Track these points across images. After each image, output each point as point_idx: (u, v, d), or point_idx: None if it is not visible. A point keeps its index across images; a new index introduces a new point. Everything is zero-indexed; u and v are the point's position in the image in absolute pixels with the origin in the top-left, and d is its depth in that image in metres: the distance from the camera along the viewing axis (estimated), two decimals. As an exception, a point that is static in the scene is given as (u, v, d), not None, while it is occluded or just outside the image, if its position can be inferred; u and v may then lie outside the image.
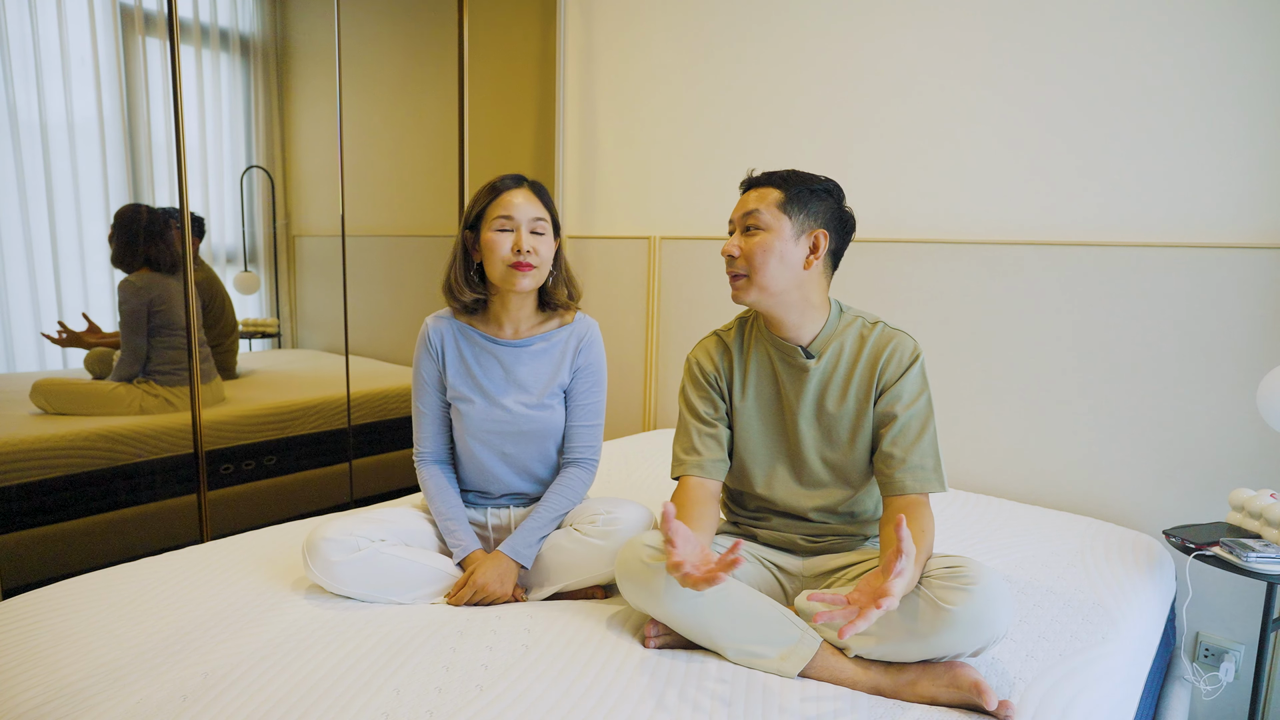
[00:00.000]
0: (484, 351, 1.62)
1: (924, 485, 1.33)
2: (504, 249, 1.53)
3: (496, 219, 1.54)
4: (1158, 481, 2.00)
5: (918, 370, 1.39)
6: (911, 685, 1.18)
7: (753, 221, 1.38)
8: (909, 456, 1.34)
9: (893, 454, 1.35)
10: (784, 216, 1.38)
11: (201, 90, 2.52)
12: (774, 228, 1.37)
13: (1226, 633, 1.95)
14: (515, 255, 1.52)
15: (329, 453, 2.82)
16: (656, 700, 1.14)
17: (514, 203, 1.54)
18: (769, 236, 1.37)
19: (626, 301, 2.98)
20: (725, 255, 1.40)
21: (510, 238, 1.53)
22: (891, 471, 1.35)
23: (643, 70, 2.91)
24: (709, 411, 1.48)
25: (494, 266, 1.55)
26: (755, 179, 1.44)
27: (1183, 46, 1.92)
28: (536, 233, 1.55)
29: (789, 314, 1.41)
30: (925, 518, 1.29)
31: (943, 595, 1.15)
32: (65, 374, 2.29)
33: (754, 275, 1.37)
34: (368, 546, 1.45)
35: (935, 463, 1.35)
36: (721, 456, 1.47)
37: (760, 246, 1.36)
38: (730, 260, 1.39)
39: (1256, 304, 1.84)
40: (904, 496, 1.33)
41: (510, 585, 1.49)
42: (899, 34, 2.33)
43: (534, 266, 1.54)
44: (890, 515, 1.33)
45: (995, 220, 2.21)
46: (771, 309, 1.41)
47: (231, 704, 1.10)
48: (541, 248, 1.55)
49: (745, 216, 1.39)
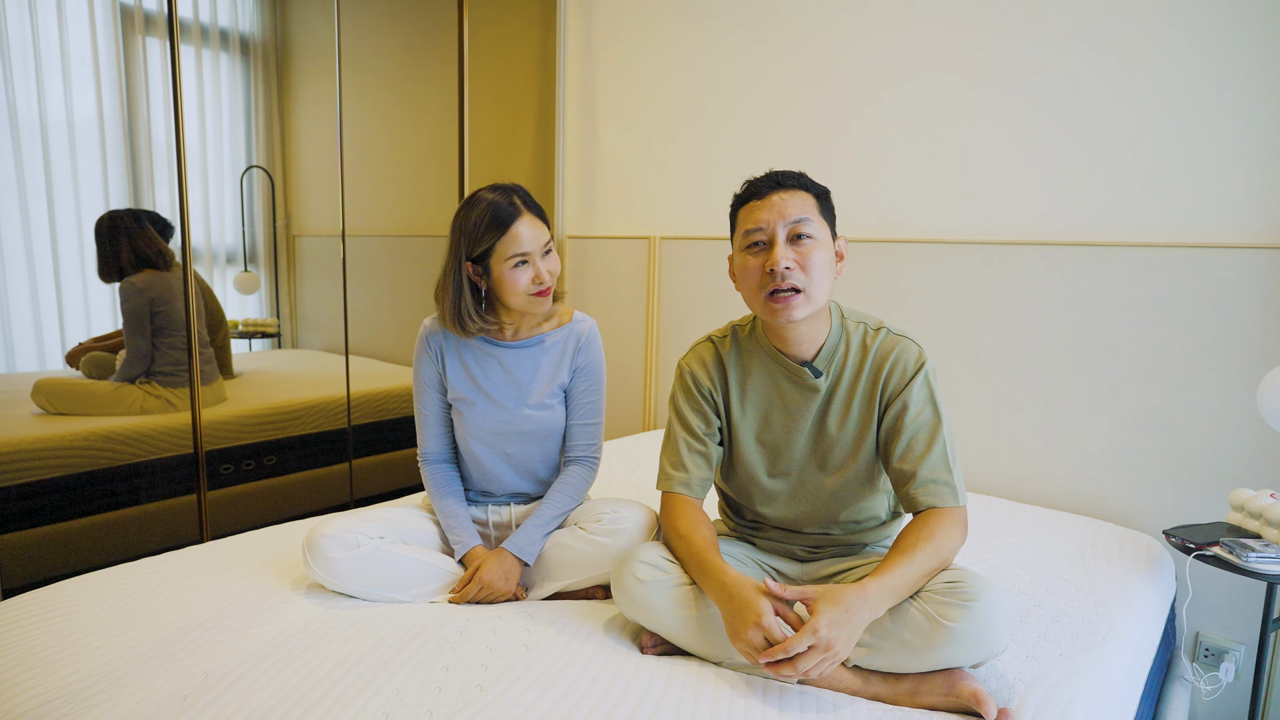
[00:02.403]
0: (484, 354, 1.61)
1: (935, 500, 1.25)
2: (523, 283, 1.51)
3: (511, 258, 1.49)
4: (1158, 481, 2.00)
5: (923, 379, 1.31)
6: (910, 694, 1.17)
7: (805, 230, 1.27)
8: (919, 470, 1.27)
9: (903, 469, 1.28)
10: (825, 224, 1.31)
11: (201, 90, 2.52)
12: (821, 237, 1.28)
13: (1226, 633, 1.95)
14: (535, 286, 1.51)
15: (329, 453, 2.82)
16: (656, 701, 1.14)
17: (524, 236, 1.50)
18: (822, 247, 1.28)
19: (626, 301, 2.98)
20: (776, 270, 1.24)
21: (528, 271, 1.51)
22: (904, 489, 1.28)
23: (643, 70, 2.91)
24: (700, 426, 1.42)
25: (515, 297, 1.52)
26: (780, 180, 1.32)
27: (1184, 46, 1.92)
28: (549, 252, 1.54)
29: (810, 328, 1.33)
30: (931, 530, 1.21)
31: (942, 611, 1.14)
32: (66, 374, 2.29)
33: (810, 290, 1.26)
34: (367, 544, 1.45)
35: (948, 475, 1.26)
36: (708, 475, 1.42)
37: (818, 258, 1.26)
38: (785, 273, 1.25)
39: (1257, 304, 1.84)
40: (920, 515, 1.26)
41: (514, 582, 1.49)
42: (898, 32, 2.33)
43: (551, 287, 1.55)
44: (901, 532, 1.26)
45: (995, 220, 2.21)
46: (800, 325, 1.31)
47: (231, 704, 1.10)
48: (555, 267, 1.55)
49: (796, 224, 1.27)
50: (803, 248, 1.27)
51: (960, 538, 1.24)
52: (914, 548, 1.19)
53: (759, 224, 1.29)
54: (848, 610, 1.11)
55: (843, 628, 1.10)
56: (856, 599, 1.12)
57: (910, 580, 1.17)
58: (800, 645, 1.08)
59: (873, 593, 1.13)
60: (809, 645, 1.08)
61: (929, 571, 1.20)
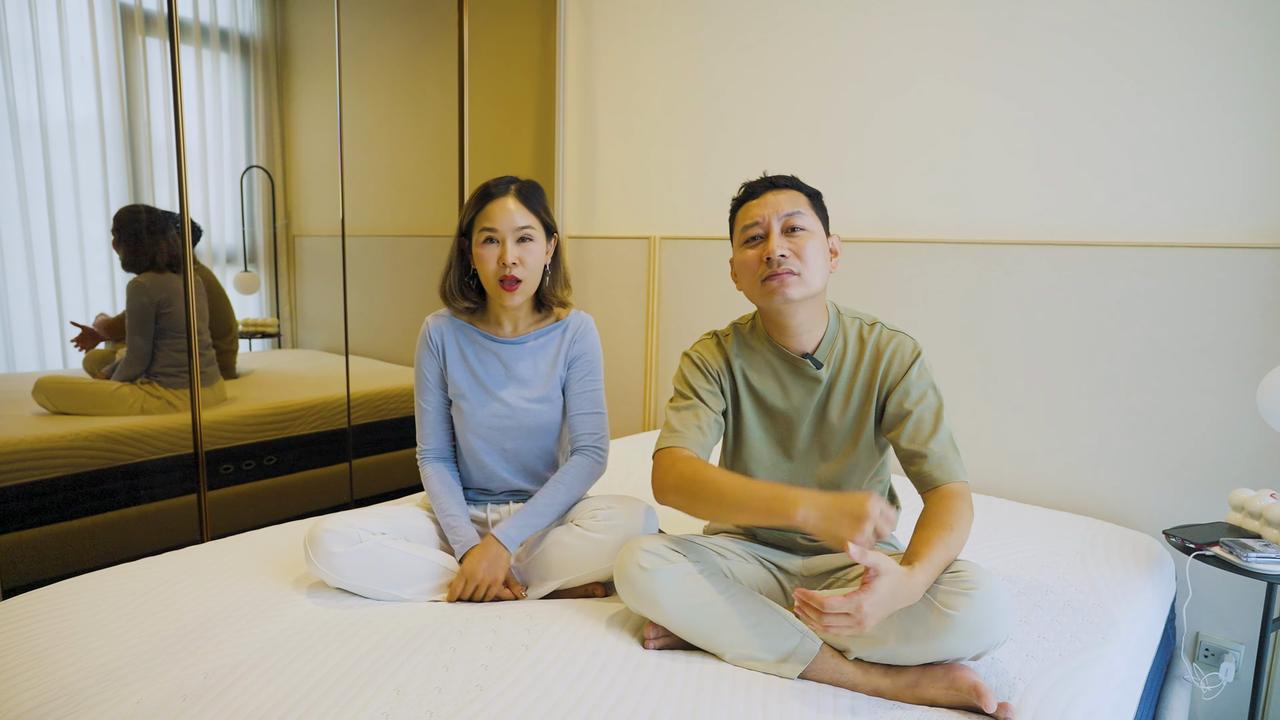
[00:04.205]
0: (484, 349, 1.63)
1: (948, 474, 1.29)
2: (491, 263, 1.54)
3: (482, 230, 1.54)
4: (1158, 481, 2.00)
5: (920, 366, 1.37)
6: (911, 688, 1.18)
7: (798, 223, 1.36)
8: (929, 448, 1.31)
9: (914, 451, 1.33)
10: (817, 219, 1.39)
11: (201, 90, 2.52)
12: (814, 230, 1.37)
13: (1226, 633, 1.95)
14: (501, 268, 1.52)
15: (329, 453, 2.82)
16: (656, 700, 1.14)
17: (497, 214, 1.53)
18: (815, 238, 1.36)
19: (626, 301, 2.98)
20: (772, 257, 1.33)
21: (496, 250, 1.53)
22: (918, 469, 1.32)
23: (643, 70, 2.91)
24: (711, 398, 1.44)
25: (486, 279, 1.57)
26: (774, 181, 1.41)
27: (1184, 46, 1.92)
28: (525, 239, 1.54)
29: (808, 317, 1.39)
30: (956, 510, 1.24)
31: (944, 600, 1.15)
32: (67, 374, 2.29)
33: (805, 274, 1.34)
34: (369, 539, 1.46)
35: (955, 452, 1.32)
36: (713, 442, 1.43)
37: (811, 246, 1.35)
38: (780, 259, 1.33)
39: (1256, 304, 1.84)
40: (936, 490, 1.29)
41: (500, 571, 1.49)
42: (899, 33, 2.33)
43: (520, 280, 1.54)
44: (923, 513, 1.28)
45: (995, 220, 2.21)
46: (797, 311, 1.37)
47: (231, 704, 1.10)
48: (529, 257, 1.54)
49: (788, 216, 1.36)
50: (797, 238, 1.35)
51: (971, 517, 1.27)
52: (944, 530, 1.21)
53: (755, 219, 1.38)
54: (893, 597, 1.11)
55: (880, 610, 1.10)
56: (903, 588, 1.12)
57: (940, 568, 1.18)
58: (839, 607, 1.09)
59: (919, 581, 1.14)
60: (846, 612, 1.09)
61: (952, 556, 1.21)
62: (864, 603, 1.08)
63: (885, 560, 1.11)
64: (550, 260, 1.62)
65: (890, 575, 1.11)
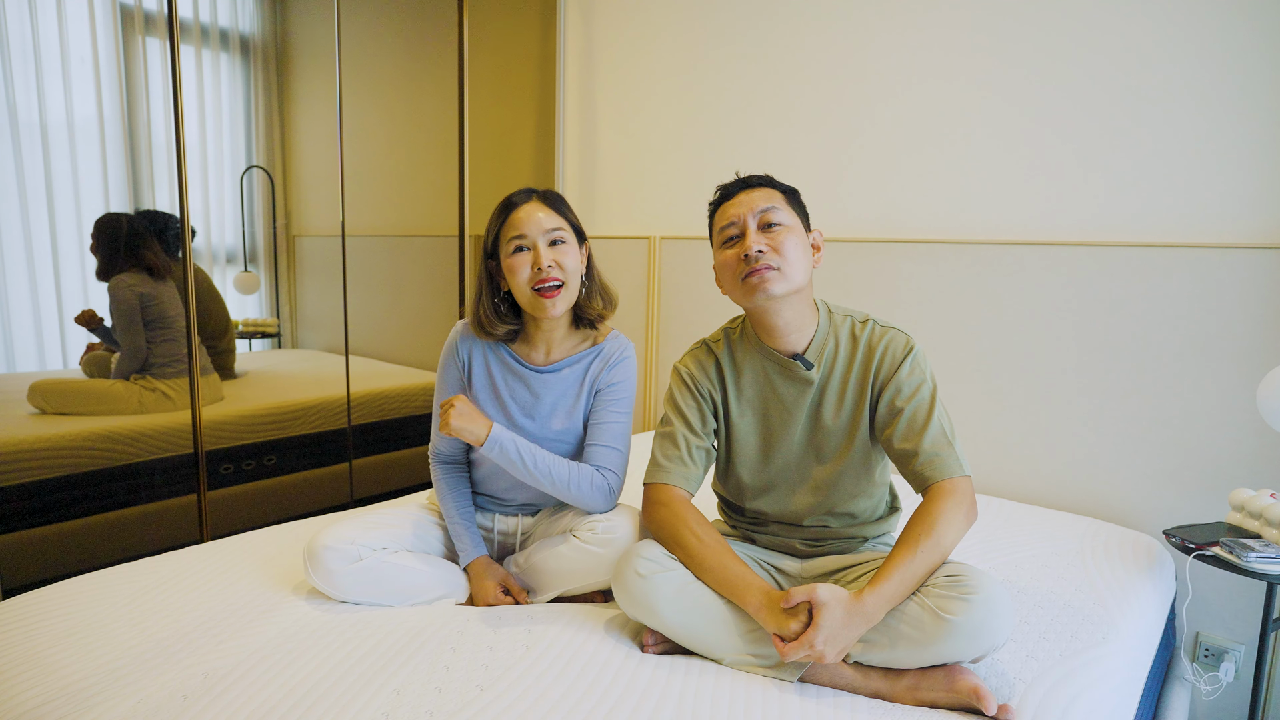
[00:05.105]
0: (512, 374, 1.55)
1: (941, 472, 1.27)
2: (524, 271, 1.44)
3: (511, 240, 1.45)
4: (1158, 481, 2.00)
5: (912, 361, 1.35)
6: (910, 690, 1.18)
7: (774, 219, 1.34)
8: (920, 446, 1.29)
9: (906, 449, 1.31)
10: (795, 214, 1.38)
11: (201, 90, 2.52)
12: (792, 225, 1.36)
13: (1226, 633, 1.95)
14: (537, 274, 1.43)
15: (329, 453, 2.82)
16: (656, 701, 1.14)
17: (524, 219, 1.45)
18: (793, 233, 1.34)
19: (626, 301, 2.98)
20: (749, 254, 1.31)
21: (529, 257, 1.44)
22: (911, 468, 1.30)
23: (643, 70, 2.91)
24: (699, 423, 1.44)
25: (520, 292, 1.46)
26: (747, 180, 1.40)
27: (1183, 46, 1.92)
28: (557, 242, 1.47)
29: (795, 316, 1.37)
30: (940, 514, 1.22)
31: (943, 605, 1.15)
32: (63, 374, 2.29)
33: (785, 269, 1.32)
34: (369, 556, 1.43)
35: (949, 447, 1.29)
36: (702, 473, 1.45)
37: (790, 241, 1.33)
38: (758, 255, 1.31)
39: (1256, 304, 1.84)
40: (928, 491, 1.28)
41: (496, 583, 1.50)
42: (898, 33, 2.33)
43: (560, 282, 1.45)
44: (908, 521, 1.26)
45: (995, 220, 2.21)
46: (782, 309, 1.35)
47: (231, 704, 1.10)
48: (565, 260, 1.46)
49: (764, 213, 1.34)
50: (774, 233, 1.34)
51: (964, 519, 1.25)
52: (915, 544, 1.20)
53: (731, 219, 1.38)
54: (846, 626, 1.16)
55: (837, 640, 1.15)
56: (856, 614, 1.16)
57: (909, 584, 1.19)
58: (796, 656, 1.16)
59: (870, 606, 1.17)
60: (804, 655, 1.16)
61: (930, 567, 1.20)
62: (814, 639, 1.14)
63: (825, 591, 1.16)
64: (584, 269, 1.53)
65: (834, 606, 1.15)
